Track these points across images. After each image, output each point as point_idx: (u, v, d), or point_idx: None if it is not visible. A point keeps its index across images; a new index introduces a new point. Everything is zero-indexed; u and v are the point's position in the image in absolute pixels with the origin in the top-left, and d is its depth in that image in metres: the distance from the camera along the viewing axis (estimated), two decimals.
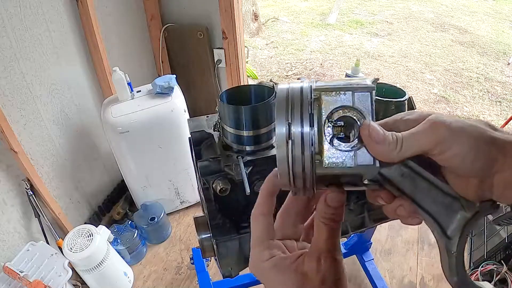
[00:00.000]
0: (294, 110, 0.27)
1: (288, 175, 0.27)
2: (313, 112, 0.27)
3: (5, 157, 1.39)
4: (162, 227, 1.94)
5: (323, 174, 0.27)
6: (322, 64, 4.47)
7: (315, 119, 0.27)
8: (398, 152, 0.26)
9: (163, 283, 1.76)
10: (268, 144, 0.88)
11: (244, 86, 0.91)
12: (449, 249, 0.27)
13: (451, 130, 0.25)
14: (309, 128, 0.26)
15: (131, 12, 2.01)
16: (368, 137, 0.27)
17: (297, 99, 0.27)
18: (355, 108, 0.27)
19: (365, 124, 0.27)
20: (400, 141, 0.27)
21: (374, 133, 0.27)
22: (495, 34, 5.25)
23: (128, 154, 1.78)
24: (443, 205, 0.27)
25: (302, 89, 0.27)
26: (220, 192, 0.82)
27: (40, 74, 1.52)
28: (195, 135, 0.91)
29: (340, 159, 0.27)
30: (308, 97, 0.27)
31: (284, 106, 0.27)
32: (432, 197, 0.27)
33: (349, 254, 1.75)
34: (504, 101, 3.58)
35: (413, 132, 0.27)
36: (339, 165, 0.27)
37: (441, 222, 0.27)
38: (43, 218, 1.55)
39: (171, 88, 1.73)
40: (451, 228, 0.27)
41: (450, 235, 0.27)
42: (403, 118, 0.29)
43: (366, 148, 0.27)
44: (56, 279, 1.39)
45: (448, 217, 0.27)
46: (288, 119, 0.26)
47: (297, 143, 0.26)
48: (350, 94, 0.27)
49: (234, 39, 2.03)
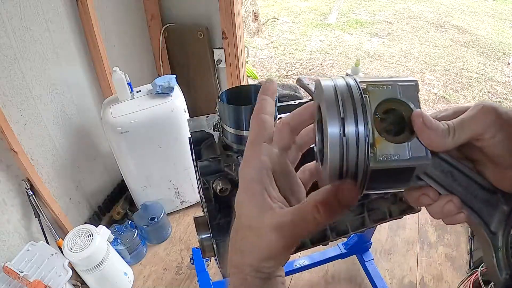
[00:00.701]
0: (345, 105, 0.25)
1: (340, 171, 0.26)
2: (365, 104, 0.26)
3: (5, 157, 1.39)
4: (162, 227, 1.94)
5: (377, 168, 0.26)
6: (322, 64, 4.47)
7: (368, 112, 0.26)
8: (452, 138, 0.26)
9: (163, 283, 1.76)
10: None
11: (244, 86, 0.91)
12: (495, 245, 0.27)
13: (500, 116, 0.26)
14: (363, 122, 0.25)
15: (131, 12, 2.01)
16: (421, 125, 0.26)
17: (345, 93, 0.26)
18: (403, 100, 0.27)
19: (417, 113, 0.26)
20: (452, 128, 0.27)
21: (427, 120, 0.26)
22: (495, 34, 5.25)
23: (128, 154, 1.78)
24: (483, 200, 0.27)
25: (348, 84, 0.27)
26: (220, 192, 0.82)
27: (40, 74, 1.52)
28: (195, 135, 0.91)
29: (393, 151, 0.26)
30: (357, 91, 0.26)
31: (334, 102, 0.26)
32: (473, 192, 0.27)
33: (349, 254, 1.75)
34: (504, 101, 3.58)
35: (464, 118, 0.27)
36: (393, 157, 0.26)
37: (484, 217, 0.27)
38: (43, 218, 1.55)
39: (171, 88, 1.73)
40: (494, 223, 0.27)
41: (494, 230, 0.27)
42: (437, 116, 0.29)
43: (418, 139, 0.26)
44: (56, 279, 1.39)
45: (489, 212, 0.27)
46: (340, 115, 0.25)
47: (351, 138, 0.25)
48: (396, 86, 0.27)
49: (234, 39, 2.03)
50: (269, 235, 0.26)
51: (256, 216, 0.27)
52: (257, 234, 0.27)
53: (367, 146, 0.25)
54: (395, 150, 0.26)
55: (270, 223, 0.26)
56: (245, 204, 0.28)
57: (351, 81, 0.27)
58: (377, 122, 0.26)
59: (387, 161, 0.26)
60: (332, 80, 0.27)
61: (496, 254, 0.27)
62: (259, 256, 0.27)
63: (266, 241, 0.26)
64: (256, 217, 0.27)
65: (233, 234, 0.30)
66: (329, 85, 0.27)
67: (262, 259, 0.27)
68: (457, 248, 1.86)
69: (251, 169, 0.28)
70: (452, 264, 1.79)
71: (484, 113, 0.26)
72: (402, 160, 0.26)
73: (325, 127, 0.26)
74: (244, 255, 0.28)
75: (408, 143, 0.26)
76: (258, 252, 0.27)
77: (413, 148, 0.26)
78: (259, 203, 0.27)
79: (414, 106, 0.27)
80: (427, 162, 0.26)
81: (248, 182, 0.28)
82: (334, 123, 0.25)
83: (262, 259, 0.27)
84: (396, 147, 0.26)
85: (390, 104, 0.27)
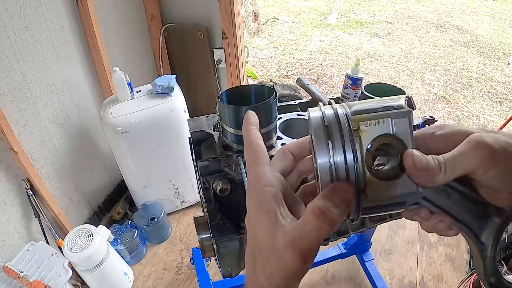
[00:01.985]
0: (335, 146, 0.26)
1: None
2: (355, 148, 0.26)
3: (5, 157, 1.39)
4: (162, 227, 1.94)
5: (368, 206, 0.27)
6: (322, 64, 4.47)
7: (358, 154, 0.26)
8: (443, 175, 0.26)
9: (163, 283, 1.76)
10: (268, 144, 0.88)
11: (244, 86, 0.91)
12: (484, 255, 0.28)
13: (494, 152, 0.25)
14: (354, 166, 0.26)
15: (131, 12, 2.01)
16: (411, 166, 0.26)
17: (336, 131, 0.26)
18: (395, 136, 0.26)
19: (408, 154, 0.26)
20: (444, 165, 0.26)
21: (417, 162, 0.26)
22: (495, 34, 5.25)
23: (128, 154, 1.78)
24: (475, 214, 0.28)
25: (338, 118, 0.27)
26: (220, 192, 0.82)
27: (40, 74, 1.52)
28: (195, 135, 0.92)
29: (384, 190, 0.26)
30: (347, 129, 0.26)
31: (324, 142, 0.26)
32: (465, 208, 0.28)
33: (349, 254, 1.75)
34: (504, 101, 3.58)
35: (456, 155, 0.26)
36: (383, 196, 0.27)
37: (474, 230, 0.28)
38: (43, 218, 1.55)
39: (171, 88, 1.73)
40: (484, 235, 0.28)
41: (483, 241, 0.28)
42: (435, 133, 0.29)
43: (409, 176, 0.26)
44: (56, 279, 1.39)
45: (480, 225, 0.28)
46: (329, 157, 0.26)
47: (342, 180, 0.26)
48: (389, 121, 0.26)
49: (234, 39, 2.03)
50: (286, 253, 0.26)
51: (271, 236, 0.27)
52: (276, 254, 0.27)
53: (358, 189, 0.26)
54: (386, 189, 0.26)
55: (283, 241, 0.26)
56: (259, 224, 0.28)
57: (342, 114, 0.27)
58: (368, 158, 0.26)
59: (378, 200, 0.27)
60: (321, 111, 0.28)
61: (485, 263, 0.28)
62: (283, 276, 0.27)
63: (285, 260, 0.26)
64: (272, 237, 0.27)
65: (250, 256, 0.30)
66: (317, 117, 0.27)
67: (287, 279, 0.27)
68: (457, 248, 1.86)
69: (263, 187, 0.28)
70: (452, 264, 1.79)
71: (477, 150, 0.26)
72: (393, 197, 0.27)
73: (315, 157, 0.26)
74: (268, 277, 0.28)
75: (398, 180, 0.26)
76: (281, 273, 0.27)
77: (404, 184, 0.26)
78: (273, 222, 0.27)
79: (406, 141, 0.26)
80: (418, 196, 0.27)
81: (260, 200, 0.28)
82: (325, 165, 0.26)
83: (287, 278, 0.27)
84: (387, 185, 0.26)
85: (382, 138, 0.26)
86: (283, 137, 0.94)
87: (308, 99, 1.17)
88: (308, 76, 4.18)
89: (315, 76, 4.19)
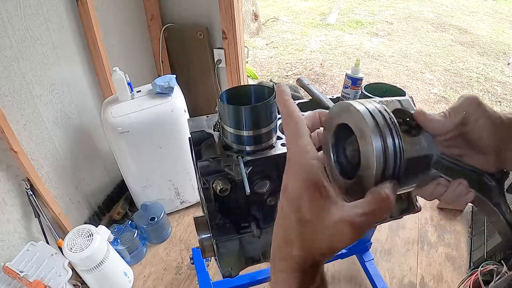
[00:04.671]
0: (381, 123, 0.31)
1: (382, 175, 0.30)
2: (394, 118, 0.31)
3: (5, 157, 1.39)
4: (162, 227, 1.95)
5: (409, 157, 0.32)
6: (322, 64, 4.47)
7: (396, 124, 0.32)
8: (449, 121, 0.33)
9: (163, 283, 1.76)
10: (268, 144, 0.88)
11: (244, 86, 0.91)
12: (503, 212, 0.34)
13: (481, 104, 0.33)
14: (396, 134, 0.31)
15: (131, 12, 2.01)
16: (424, 119, 0.34)
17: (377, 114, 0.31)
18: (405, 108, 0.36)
19: (419, 112, 0.34)
20: (447, 113, 0.34)
21: (427, 114, 0.34)
22: (495, 34, 5.25)
23: (128, 154, 1.78)
24: (476, 181, 0.35)
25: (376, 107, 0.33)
26: (220, 192, 0.82)
27: (40, 74, 1.52)
28: (195, 135, 0.91)
29: (414, 145, 0.33)
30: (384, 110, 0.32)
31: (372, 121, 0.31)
32: (469, 177, 0.35)
33: (349, 254, 1.75)
34: (504, 101, 3.58)
35: (454, 106, 0.34)
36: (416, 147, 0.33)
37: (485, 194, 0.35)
38: (43, 218, 1.55)
39: (171, 88, 1.73)
40: (493, 196, 0.35)
41: (496, 201, 0.35)
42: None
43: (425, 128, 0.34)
44: (56, 279, 1.39)
45: (484, 189, 0.35)
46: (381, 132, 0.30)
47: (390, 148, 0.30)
48: (398, 102, 0.36)
49: (234, 39, 2.03)
50: (343, 228, 0.27)
51: (323, 209, 0.27)
52: (328, 227, 0.27)
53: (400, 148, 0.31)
54: (416, 143, 0.34)
55: (340, 215, 0.27)
56: (306, 197, 0.28)
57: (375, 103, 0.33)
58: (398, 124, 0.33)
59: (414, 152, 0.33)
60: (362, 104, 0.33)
61: (504, 216, 0.34)
62: (330, 247, 0.28)
63: (339, 234, 0.27)
64: (323, 210, 0.27)
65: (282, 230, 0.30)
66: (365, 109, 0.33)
67: (332, 250, 0.28)
68: (457, 248, 1.86)
69: (309, 160, 0.29)
70: (452, 264, 1.79)
71: (468, 100, 0.34)
72: (422, 149, 0.34)
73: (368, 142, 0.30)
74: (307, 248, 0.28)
75: (421, 137, 0.34)
76: (328, 244, 0.28)
77: (426, 140, 0.34)
78: (324, 195, 0.28)
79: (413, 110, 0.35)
80: (437, 150, 0.35)
81: (308, 174, 0.28)
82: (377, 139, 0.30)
83: (332, 250, 0.28)
84: (415, 140, 0.34)
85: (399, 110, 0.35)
86: (283, 137, 0.94)
87: (308, 99, 1.17)
88: (308, 76, 4.17)
89: (315, 76, 4.19)
